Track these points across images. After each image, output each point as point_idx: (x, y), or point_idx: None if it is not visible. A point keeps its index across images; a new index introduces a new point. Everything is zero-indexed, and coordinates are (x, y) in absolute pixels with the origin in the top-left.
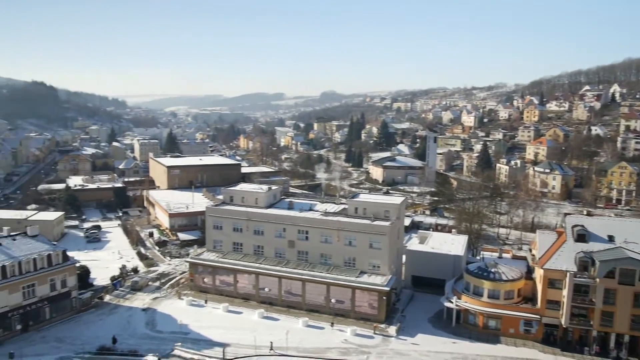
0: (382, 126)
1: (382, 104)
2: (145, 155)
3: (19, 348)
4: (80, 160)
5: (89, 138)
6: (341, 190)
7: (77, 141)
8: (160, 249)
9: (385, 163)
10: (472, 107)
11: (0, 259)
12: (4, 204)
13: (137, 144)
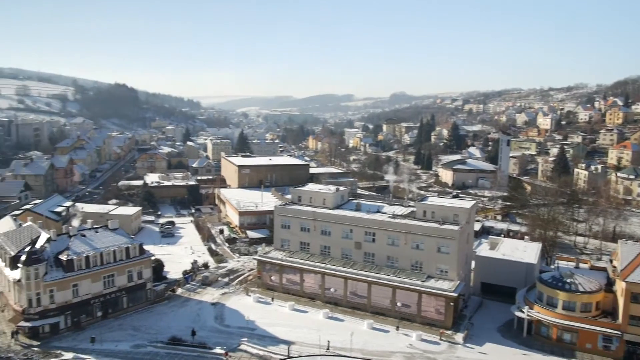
0: (453, 128)
1: (453, 106)
2: (217, 154)
3: (99, 333)
4: (157, 159)
5: (165, 137)
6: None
7: (154, 140)
8: (230, 245)
9: (456, 166)
10: (548, 109)
11: (84, 249)
12: (89, 199)
13: (210, 143)
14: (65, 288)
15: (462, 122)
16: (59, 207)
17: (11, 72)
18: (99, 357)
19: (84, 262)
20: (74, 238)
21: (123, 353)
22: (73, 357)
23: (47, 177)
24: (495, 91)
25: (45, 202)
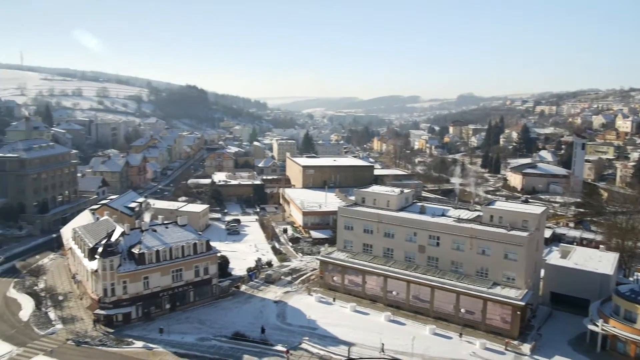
0: (523, 131)
1: (524, 107)
2: (282, 154)
3: (167, 325)
4: (225, 158)
5: (233, 137)
6: (476, 197)
7: (222, 140)
8: (293, 245)
9: (525, 170)
10: (629, 110)
11: (155, 244)
12: (160, 195)
13: (276, 143)
14: (137, 280)
15: (533, 124)
16: (132, 203)
17: (93, 75)
18: (167, 347)
19: (154, 256)
20: (145, 233)
21: (189, 345)
22: (143, 345)
23: (123, 174)
24: (569, 92)
25: (120, 198)
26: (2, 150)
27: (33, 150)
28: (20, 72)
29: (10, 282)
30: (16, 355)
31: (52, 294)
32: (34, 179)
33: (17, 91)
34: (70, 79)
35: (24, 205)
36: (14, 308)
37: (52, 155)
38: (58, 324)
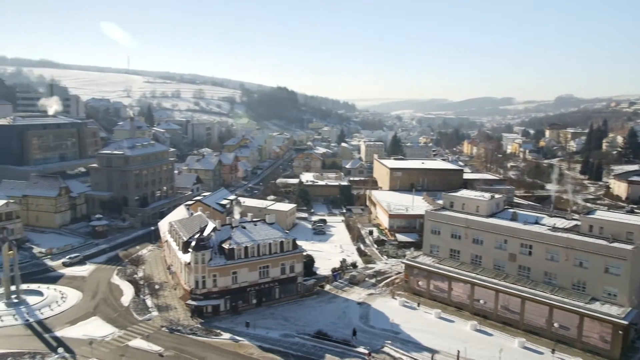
0: (630, 135)
1: (631, 110)
2: (370, 156)
3: (253, 319)
4: (313, 159)
5: (321, 138)
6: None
7: (310, 141)
8: (379, 247)
9: (632, 177)
10: None
11: (244, 240)
12: (249, 194)
13: (364, 145)
14: (226, 274)
15: None
16: (224, 200)
17: (190, 78)
18: (252, 340)
19: (243, 252)
20: (235, 229)
21: (273, 340)
22: (230, 337)
23: (216, 172)
24: None
25: (213, 195)
26: (109, 148)
27: (136, 148)
28: (127, 76)
29: (114, 270)
30: (117, 337)
31: (150, 283)
32: (136, 175)
33: (124, 93)
34: (170, 82)
35: (127, 199)
36: (116, 293)
37: (152, 153)
38: (154, 311)
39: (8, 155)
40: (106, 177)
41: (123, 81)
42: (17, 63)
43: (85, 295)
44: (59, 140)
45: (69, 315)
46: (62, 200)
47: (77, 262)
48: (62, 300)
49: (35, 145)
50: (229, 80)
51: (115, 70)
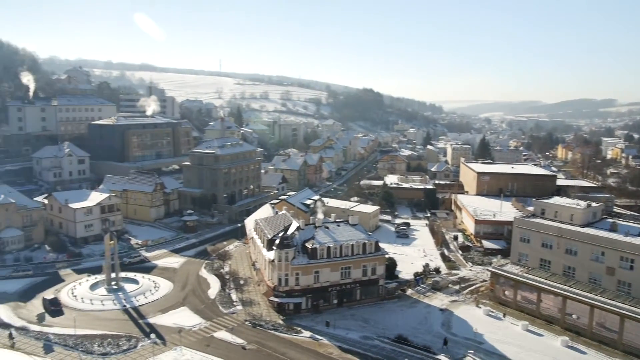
0: None
1: None
2: (456, 159)
3: (333, 319)
4: (397, 161)
5: (406, 140)
6: None
7: (396, 143)
8: (463, 253)
9: None
10: None
11: (326, 240)
12: (333, 194)
13: (450, 148)
14: (308, 273)
15: None
16: (308, 200)
17: (278, 79)
18: (332, 340)
19: (325, 252)
20: (318, 229)
21: (352, 341)
22: (310, 335)
23: (301, 172)
24: None
25: (297, 195)
26: (200, 147)
27: (225, 147)
28: (218, 78)
29: (202, 263)
30: (204, 327)
31: (235, 278)
32: (225, 173)
33: (215, 95)
34: (258, 83)
35: (216, 196)
36: (204, 286)
37: (240, 153)
38: (238, 305)
39: (111, 152)
40: (197, 175)
41: (215, 83)
42: (121, 67)
43: (175, 286)
44: (155, 139)
45: (160, 303)
46: (157, 196)
47: (137, 262)
48: (155, 289)
49: (134, 144)
50: (316, 82)
51: (207, 73)
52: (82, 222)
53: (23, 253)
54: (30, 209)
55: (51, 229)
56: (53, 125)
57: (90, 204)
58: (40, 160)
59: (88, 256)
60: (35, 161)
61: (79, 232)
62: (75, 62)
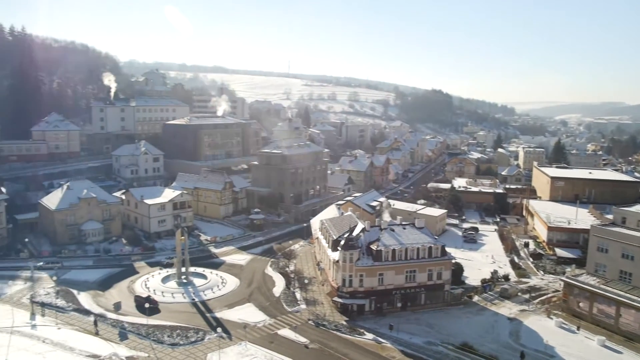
0: None
1: None
2: (529, 163)
3: (397, 323)
4: (466, 164)
5: (476, 143)
6: None
7: (465, 145)
8: (534, 261)
9: None
10: None
11: (392, 243)
12: (399, 196)
13: (522, 151)
14: (373, 275)
15: None
16: (374, 202)
17: (346, 80)
18: (394, 344)
19: (390, 254)
20: (384, 231)
21: (416, 346)
22: (372, 338)
23: (367, 174)
24: None
25: (363, 196)
26: (269, 147)
27: (293, 148)
28: (287, 79)
29: (268, 261)
30: (268, 324)
31: (300, 277)
32: (292, 173)
33: (283, 95)
34: (326, 85)
35: (283, 196)
36: (269, 284)
37: (307, 153)
38: (302, 304)
39: (184, 151)
40: (265, 174)
41: (283, 84)
42: (194, 69)
43: (242, 282)
44: (226, 138)
45: (227, 299)
46: (226, 194)
47: (172, 265)
48: (222, 285)
49: (206, 143)
50: (383, 83)
51: (277, 74)
52: (155, 217)
53: (102, 245)
54: (109, 204)
55: (127, 223)
56: (131, 125)
57: (164, 201)
58: (119, 158)
59: (160, 250)
60: (114, 159)
61: (153, 227)
62: (153, 65)
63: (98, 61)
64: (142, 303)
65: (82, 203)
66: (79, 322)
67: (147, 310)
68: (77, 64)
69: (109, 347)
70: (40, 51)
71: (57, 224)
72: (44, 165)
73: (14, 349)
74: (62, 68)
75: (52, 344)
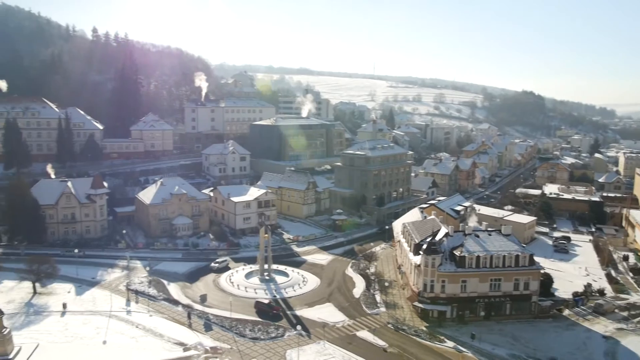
0: None
1: None
2: (630, 170)
3: (479, 332)
4: (559, 169)
5: (570, 147)
6: None
7: (557, 150)
8: (635, 276)
9: None
10: None
11: (476, 249)
12: (485, 202)
13: (623, 157)
14: (455, 282)
15: None
16: (458, 206)
17: (431, 82)
18: (476, 354)
19: (474, 261)
20: (468, 237)
21: (499, 358)
22: (453, 346)
23: (452, 177)
24: None
25: (447, 200)
26: (352, 148)
27: (376, 149)
28: (371, 81)
29: (349, 262)
30: (347, 325)
31: (380, 280)
32: (375, 175)
33: (368, 97)
34: (411, 86)
35: (365, 197)
36: (349, 285)
37: (391, 155)
38: (382, 307)
39: (269, 151)
40: (348, 175)
41: (368, 86)
42: (281, 71)
43: (322, 282)
44: (310, 139)
45: (307, 297)
46: (309, 194)
47: (224, 268)
48: (303, 283)
49: (290, 143)
50: (471, 84)
51: (361, 76)
52: (241, 214)
53: (191, 239)
54: (199, 200)
55: (214, 219)
56: (220, 125)
57: (249, 199)
58: (208, 157)
59: (245, 247)
60: (204, 157)
61: (238, 223)
62: (242, 67)
63: (191, 64)
64: (264, 310)
65: (174, 199)
66: (169, 311)
67: (270, 317)
68: (171, 67)
69: (195, 337)
70: (140, 56)
71: (151, 217)
72: (140, 162)
73: (111, 331)
74: (159, 71)
75: (144, 330)
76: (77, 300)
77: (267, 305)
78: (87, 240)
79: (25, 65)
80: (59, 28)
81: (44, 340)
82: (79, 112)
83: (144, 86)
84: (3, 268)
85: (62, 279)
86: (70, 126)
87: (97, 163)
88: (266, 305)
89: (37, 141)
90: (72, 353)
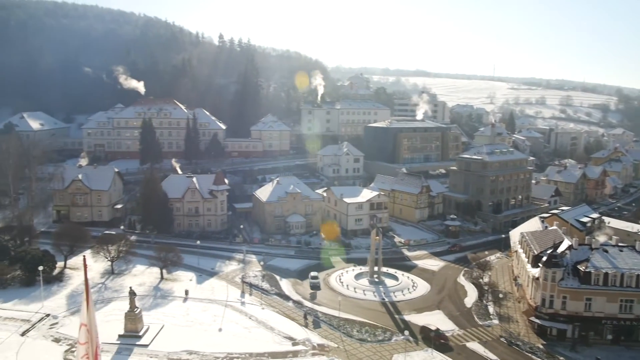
0: None
1: None
2: None
3: (604, 357)
4: None
5: None
6: None
7: None
8: None
9: None
10: None
11: (604, 265)
12: (617, 214)
13: None
14: (578, 299)
15: None
16: (584, 217)
17: (557, 83)
18: None
19: (601, 278)
20: (595, 251)
21: None
22: None
23: (578, 186)
24: None
25: (572, 210)
26: (468, 152)
27: (494, 154)
28: (491, 83)
29: (461, 270)
30: (456, 334)
31: (494, 290)
32: (492, 181)
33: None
34: (534, 88)
35: (481, 204)
36: (461, 293)
37: (510, 160)
38: (495, 319)
39: (383, 153)
40: (463, 180)
41: (487, 88)
42: (397, 73)
43: (432, 288)
44: (424, 142)
45: (416, 303)
46: (423, 198)
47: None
48: (413, 288)
49: (405, 146)
50: (603, 86)
51: (480, 78)
52: (353, 215)
53: (303, 237)
54: (312, 200)
55: (326, 219)
56: (335, 127)
57: (362, 200)
58: (323, 157)
59: (356, 248)
60: (318, 158)
61: (350, 224)
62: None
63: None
64: (429, 336)
65: (289, 197)
66: (280, 305)
67: (437, 346)
68: (290, 70)
69: (304, 333)
70: (260, 59)
71: (267, 214)
72: (259, 161)
73: (227, 320)
74: (278, 74)
75: (256, 322)
76: (197, 288)
77: (434, 332)
78: (208, 233)
79: (159, 70)
80: (189, 35)
81: (168, 322)
82: (205, 113)
83: (264, 88)
84: (136, 254)
85: (185, 267)
86: (197, 126)
87: (219, 161)
88: (433, 332)
89: (168, 139)
90: (192, 336)
